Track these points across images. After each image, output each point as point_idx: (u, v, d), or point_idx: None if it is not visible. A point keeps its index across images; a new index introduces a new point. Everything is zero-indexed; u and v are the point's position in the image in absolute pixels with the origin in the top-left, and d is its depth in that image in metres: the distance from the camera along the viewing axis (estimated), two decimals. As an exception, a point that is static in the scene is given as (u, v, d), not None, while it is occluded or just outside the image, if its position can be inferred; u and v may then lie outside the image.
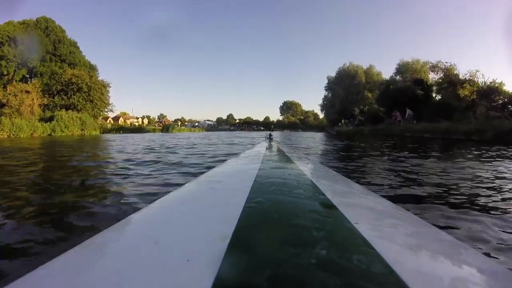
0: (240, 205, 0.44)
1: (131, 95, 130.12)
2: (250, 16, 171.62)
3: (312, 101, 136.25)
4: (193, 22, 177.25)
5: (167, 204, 0.54)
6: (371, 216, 0.49)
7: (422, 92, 16.34)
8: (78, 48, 30.39)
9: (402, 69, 19.98)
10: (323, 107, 38.80)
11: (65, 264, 0.30)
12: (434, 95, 17.15)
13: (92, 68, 30.64)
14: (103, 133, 22.54)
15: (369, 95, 29.99)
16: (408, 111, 13.63)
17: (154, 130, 36.67)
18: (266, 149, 1.89)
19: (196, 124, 72.34)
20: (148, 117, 72.78)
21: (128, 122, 58.99)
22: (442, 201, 1.63)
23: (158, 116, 76.85)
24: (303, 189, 0.60)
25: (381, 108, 21.95)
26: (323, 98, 38.73)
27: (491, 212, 1.43)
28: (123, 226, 0.41)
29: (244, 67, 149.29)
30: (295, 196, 0.53)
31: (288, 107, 77.64)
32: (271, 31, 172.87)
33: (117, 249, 0.33)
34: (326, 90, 36.95)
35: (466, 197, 1.75)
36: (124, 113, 67.25)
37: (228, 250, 0.29)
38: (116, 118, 62.15)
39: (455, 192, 1.88)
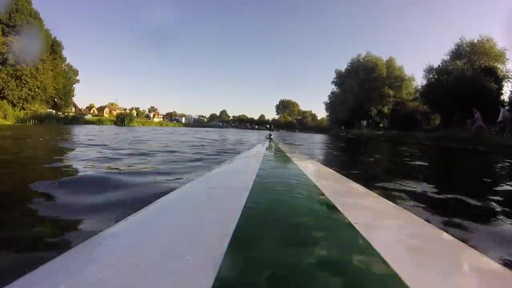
0: (240, 205, 0.44)
1: (124, 86, 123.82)
2: (248, 15, 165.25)
3: (310, 101, 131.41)
4: (193, 20, 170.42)
5: (167, 204, 0.52)
6: (371, 216, 0.49)
7: (497, 86, 11.63)
8: (39, 19, 24.57)
9: (462, 51, 14.16)
10: (329, 104, 33.41)
11: (65, 264, 0.29)
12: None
13: (57, 45, 25.13)
14: (20, 122, 15.98)
15: (390, 92, 25.11)
16: (503, 111, 8.66)
17: (100, 122, 26.58)
18: (266, 149, 1.93)
19: (183, 118, 67.30)
20: (137, 109, 67.30)
21: (114, 113, 53.90)
22: None
23: (148, 108, 71.53)
24: (303, 189, 0.60)
25: (419, 107, 16.80)
26: (329, 95, 33.38)
27: None
28: (123, 226, 0.40)
29: (241, 65, 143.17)
30: (295, 196, 0.53)
31: (284, 106, 72.91)
32: (268, 28, 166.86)
33: (117, 249, 0.33)
34: (334, 84, 31.57)
35: None
36: (112, 104, 61.94)
37: (228, 250, 0.28)
38: (101, 109, 57.02)
39: None
